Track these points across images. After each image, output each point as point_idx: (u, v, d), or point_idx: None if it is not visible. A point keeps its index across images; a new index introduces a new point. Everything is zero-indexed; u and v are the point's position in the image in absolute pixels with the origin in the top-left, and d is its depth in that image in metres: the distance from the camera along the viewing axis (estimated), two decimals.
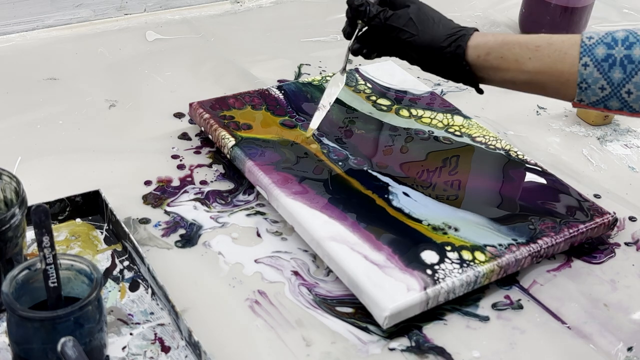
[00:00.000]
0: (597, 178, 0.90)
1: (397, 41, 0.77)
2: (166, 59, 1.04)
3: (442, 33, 0.74)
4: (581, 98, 0.69)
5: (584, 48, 0.68)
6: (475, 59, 0.73)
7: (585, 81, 0.68)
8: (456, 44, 0.74)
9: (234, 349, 0.63)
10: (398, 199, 0.76)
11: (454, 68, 0.75)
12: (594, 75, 0.67)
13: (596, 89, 0.68)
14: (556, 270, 0.75)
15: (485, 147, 0.86)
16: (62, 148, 0.84)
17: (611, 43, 0.67)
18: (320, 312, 0.67)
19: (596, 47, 0.68)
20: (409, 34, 0.75)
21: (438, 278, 0.67)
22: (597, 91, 0.68)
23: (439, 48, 0.74)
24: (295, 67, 1.05)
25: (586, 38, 0.69)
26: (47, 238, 0.54)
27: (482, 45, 0.73)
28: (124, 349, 0.61)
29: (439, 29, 0.75)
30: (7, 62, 1.00)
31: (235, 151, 0.80)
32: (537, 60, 0.71)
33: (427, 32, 0.75)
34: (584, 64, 0.68)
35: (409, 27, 0.75)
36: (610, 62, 0.67)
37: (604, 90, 0.68)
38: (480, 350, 0.65)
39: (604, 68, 0.67)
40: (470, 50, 0.73)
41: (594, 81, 0.68)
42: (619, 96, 0.67)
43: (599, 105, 0.69)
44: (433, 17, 0.76)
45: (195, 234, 0.74)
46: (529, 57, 0.71)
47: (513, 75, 0.72)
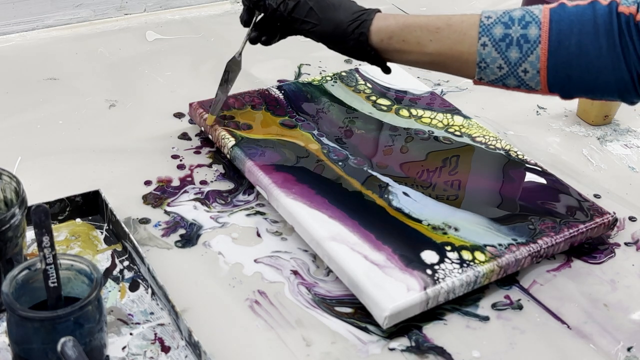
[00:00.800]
0: (597, 178, 0.90)
1: (301, 31, 0.78)
2: (166, 59, 1.04)
3: (344, 19, 0.75)
4: (481, 76, 0.70)
5: (483, 28, 0.69)
6: (379, 42, 0.74)
7: (484, 60, 0.69)
8: (359, 30, 0.74)
9: (234, 349, 0.63)
10: (398, 199, 0.76)
11: (360, 52, 0.76)
12: (492, 54, 0.69)
13: (494, 68, 0.69)
14: (556, 270, 0.75)
15: (485, 147, 0.86)
16: (62, 148, 0.84)
17: (508, 22, 0.68)
18: (320, 312, 0.67)
19: (494, 26, 0.69)
20: (312, 24, 0.76)
21: (438, 278, 0.67)
22: (495, 70, 0.69)
23: (342, 35, 0.75)
24: (295, 67, 1.05)
25: (485, 17, 0.70)
26: (47, 238, 0.54)
27: (384, 29, 0.74)
28: (124, 349, 0.61)
29: (340, 15, 0.75)
30: (7, 62, 1.00)
31: (235, 151, 0.80)
32: (438, 42, 0.72)
33: (328, 19, 0.75)
34: (483, 44, 0.69)
35: (311, 17, 0.76)
36: (507, 42, 0.68)
37: (502, 70, 0.69)
38: (480, 350, 0.65)
39: (501, 47, 0.68)
40: (373, 35, 0.74)
41: (492, 60, 0.69)
42: (516, 75, 0.69)
43: (498, 83, 0.70)
44: (334, 3, 0.76)
45: (195, 234, 0.74)
46: (430, 39, 0.72)
47: (416, 57, 0.74)
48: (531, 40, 0.67)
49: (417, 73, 1.03)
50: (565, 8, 0.67)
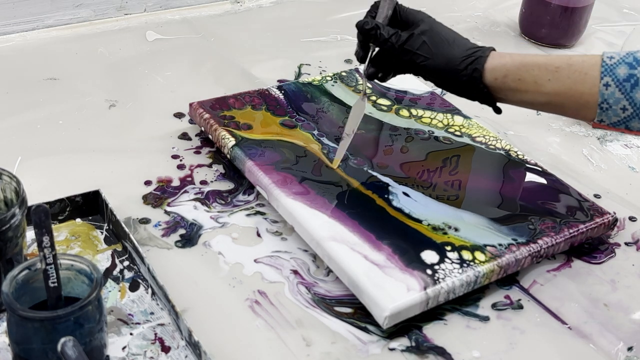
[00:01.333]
0: (597, 178, 0.90)
1: (412, 64, 0.75)
2: (166, 59, 1.04)
3: (458, 55, 0.73)
4: (602, 118, 0.69)
5: (605, 68, 0.67)
6: (493, 81, 0.72)
7: (606, 101, 0.67)
8: (472, 66, 0.72)
9: (234, 349, 0.63)
10: (398, 199, 0.76)
11: (471, 90, 0.74)
12: (615, 95, 0.67)
13: (617, 109, 0.67)
14: (556, 270, 0.75)
15: (485, 147, 0.86)
16: (62, 148, 0.84)
17: (633, 63, 0.67)
18: (319, 312, 0.67)
19: (617, 66, 0.67)
20: (423, 57, 0.74)
21: (438, 278, 0.67)
22: (619, 112, 0.67)
23: (454, 71, 0.73)
24: (295, 67, 1.05)
25: (607, 58, 0.68)
26: (47, 238, 0.54)
27: (499, 68, 0.72)
28: (124, 349, 0.61)
29: (453, 51, 0.73)
30: (7, 62, 1.00)
31: (235, 151, 0.80)
32: (557, 81, 0.70)
33: (441, 54, 0.73)
34: (605, 84, 0.67)
35: (423, 50, 0.73)
36: (632, 82, 0.66)
37: (626, 111, 0.67)
38: (480, 350, 0.65)
39: (626, 88, 0.66)
40: (487, 72, 0.72)
41: (615, 101, 0.67)
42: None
43: (620, 126, 0.68)
44: (447, 38, 0.74)
45: (195, 234, 0.74)
46: (548, 78, 0.70)
47: (532, 97, 0.72)
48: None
49: None
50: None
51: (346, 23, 1.20)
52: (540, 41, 1.19)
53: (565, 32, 1.18)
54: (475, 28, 1.23)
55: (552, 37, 1.18)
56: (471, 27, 1.23)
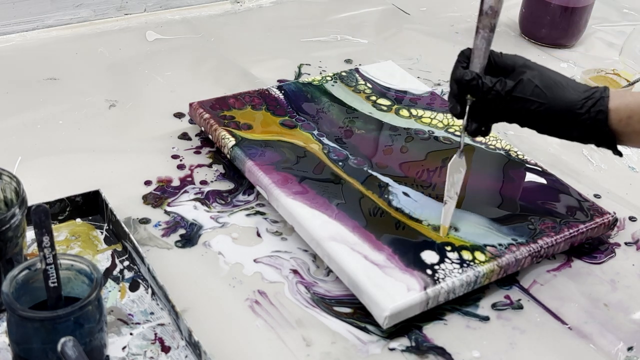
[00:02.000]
0: (597, 178, 0.90)
1: (522, 112, 0.69)
2: (166, 59, 1.04)
3: (576, 98, 0.68)
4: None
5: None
6: (617, 123, 0.67)
7: None
8: (595, 108, 0.67)
9: (234, 349, 0.63)
10: (398, 199, 0.76)
11: (592, 134, 0.69)
12: None
13: None
14: (556, 270, 0.75)
15: (485, 147, 0.86)
16: (62, 148, 0.84)
17: None
18: (319, 312, 0.67)
19: None
20: (538, 103, 0.68)
21: (438, 278, 0.67)
22: None
23: (574, 115, 0.68)
24: (295, 67, 1.05)
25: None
26: (47, 238, 0.54)
27: (623, 109, 0.67)
28: (124, 349, 0.61)
29: (571, 94, 0.68)
30: (7, 62, 1.00)
31: (235, 151, 0.80)
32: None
33: (558, 98, 0.68)
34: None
35: (537, 95, 0.68)
36: None
37: None
38: (480, 350, 0.65)
39: None
40: (611, 114, 0.67)
41: None
42: None
43: None
44: (560, 81, 0.69)
45: (195, 234, 0.74)
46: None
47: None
48: None
49: (417, 73, 1.03)
50: None
51: (346, 23, 1.20)
52: (540, 41, 1.19)
53: (565, 32, 1.18)
54: (475, 28, 1.22)
55: (552, 37, 1.18)
56: (471, 27, 1.22)
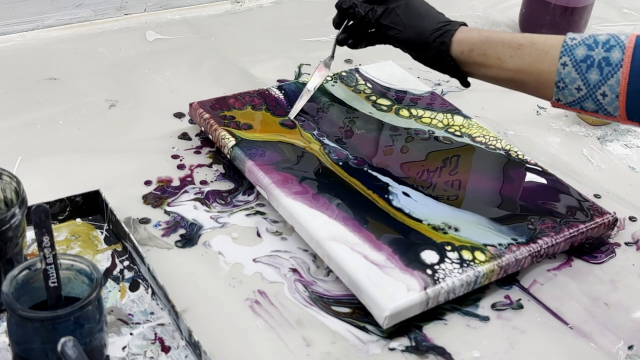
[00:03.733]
0: (597, 178, 0.90)
1: (385, 36, 0.80)
2: (166, 59, 1.04)
3: (428, 28, 0.76)
4: (559, 97, 0.70)
5: (565, 48, 0.68)
6: (459, 54, 0.75)
7: (562, 80, 0.68)
8: (440, 39, 0.76)
9: (234, 349, 0.63)
10: (398, 199, 0.76)
11: (440, 62, 0.77)
12: (571, 75, 0.68)
13: (573, 89, 0.68)
14: (556, 270, 0.75)
15: (485, 147, 0.86)
16: (62, 148, 0.84)
17: (592, 44, 0.67)
18: (317, 311, 0.67)
19: (577, 47, 0.68)
20: (396, 30, 0.78)
21: (438, 278, 0.67)
22: (574, 91, 0.68)
23: (424, 43, 0.77)
24: (295, 67, 1.05)
25: (569, 39, 0.69)
26: (47, 238, 0.54)
27: (466, 41, 0.75)
28: (124, 348, 0.61)
29: (424, 24, 0.77)
30: (7, 62, 1.00)
31: (235, 151, 0.80)
32: (518, 58, 0.72)
33: (412, 27, 0.77)
34: (563, 64, 0.68)
35: (396, 23, 0.78)
36: (588, 63, 0.67)
37: (580, 91, 0.68)
38: (480, 350, 0.65)
39: (581, 68, 0.67)
40: (454, 45, 0.75)
41: (571, 81, 0.68)
42: (594, 98, 0.67)
43: (575, 106, 0.69)
44: (420, 12, 0.77)
45: (196, 234, 0.74)
46: (511, 55, 0.72)
47: (495, 72, 0.74)
48: (613, 64, 0.66)
49: (417, 73, 1.03)
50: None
51: None
52: None
53: (565, 32, 1.17)
54: None
55: None
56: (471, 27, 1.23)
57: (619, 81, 0.66)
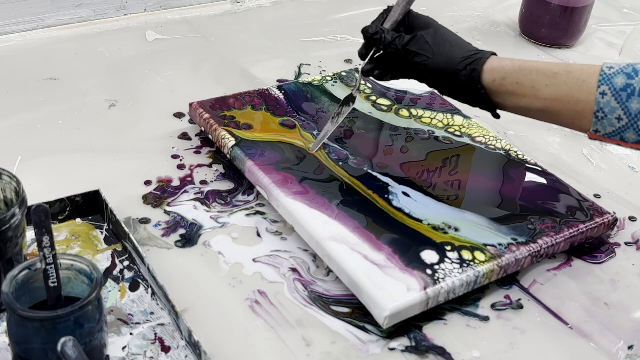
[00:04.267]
0: (597, 178, 0.90)
1: (413, 65, 0.76)
2: (166, 59, 1.04)
3: (458, 56, 0.74)
4: (597, 128, 0.67)
5: (603, 77, 0.67)
6: (491, 83, 0.72)
7: (602, 110, 0.66)
8: (472, 67, 0.73)
9: (234, 349, 0.63)
10: (398, 199, 0.76)
11: (470, 92, 0.74)
12: (611, 104, 0.66)
13: (613, 119, 0.66)
14: (557, 270, 0.75)
15: (485, 147, 0.86)
16: (62, 148, 0.84)
17: (631, 73, 0.66)
18: (317, 310, 0.67)
19: (616, 76, 0.66)
20: (425, 57, 0.74)
21: (438, 278, 0.67)
22: (614, 121, 0.66)
23: (454, 71, 0.73)
24: (295, 67, 1.05)
25: (606, 67, 0.67)
26: (47, 238, 0.54)
27: (498, 70, 0.72)
28: (124, 349, 0.61)
29: (454, 52, 0.74)
30: (7, 62, 1.00)
31: (235, 151, 0.80)
32: (554, 87, 0.69)
33: (442, 54, 0.74)
34: (602, 93, 0.66)
35: (425, 50, 0.74)
36: (629, 92, 0.65)
37: (621, 121, 0.66)
38: (480, 350, 0.65)
39: (622, 98, 0.66)
40: (485, 74, 0.72)
41: (611, 111, 0.66)
42: (635, 127, 0.66)
43: (616, 137, 0.67)
44: (450, 40, 0.75)
45: (196, 234, 0.74)
46: (546, 84, 0.70)
47: (529, 102, 0.71)
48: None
49: None
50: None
51: (346, 23, 1.20)
52: (540, 41, 1.19)
53: (565, 32, 1.18)
54: (475, 28, 1.23)
55: (552, 37, 1.18)
56: (471, 27, 1.23)
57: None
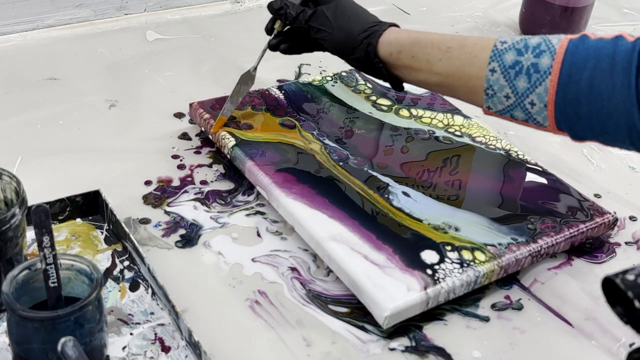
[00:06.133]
0: (597, 178, 0.90)
1: (316, 40, 0.76)
2: (166, 59, 1.04)
3: (356, 29, 0.72)
4: (489, 105, 0.66)
5: (495, 52, 0.64)
6: (387, 56, 0.71)
7: (491, 87, 0.64)
8: (368, 40, 0.71)
9: (234, 349, 0.63)
10: (398, 198, 0.76)
11: (370, 66, 0.73)
12: (500, 82, 0.64)
13: (501, 96, 0.64)
14: (557, 269, 0.75)
15: (485, 147, 0.86)
16: (62, 148, 0.84)
17: (522, 49, 0.63)
18: (316, 310, 0.67)
19: (507, 52, 0.64)
20: (325, 32, 0.74)
21: (438, 278, 0.67)
22: (503, 99, 0.64)
23: (352, 45, 0.73)
24: (295, 67, 1.05)
25: (499, 42, 0.65)
26: (47, 238, 0.54)
27: (394, 43, 0.71)
28: (124, 349, 0.61)
29: (353, 26, 0.72)
30: (7, 62, 1.00)
31: (235, 151, 0.80)
32: (447, 61, 0.67)
33: (341, 29, 0.73)
34: (492, 69, 0.64)
35: (325, 25, 0.74)
36: (517, 70, 0.63)
37: (509, 99, 0.64)
38: (480, 351, 0.65)
39: (510, 75, 0.63)
40: (381, 46, 0.71)
41: (499, 88, 0.64)
42: (522, 107, 0.63)
43: (506, 114, 0.65)
44: (350, 14, 0.73)
45: (196, 234, 0.74)
46: (440, 57, 0.68)
47: (425, 76, 0.70)
48: (541, 71, 0.62)
49: None
50: (586, 40, 0.61)
51: None
52: None
53: (565, 32, 1.17)
54: (475, 28, 1.23)
55: None
56: (471, 27, 1.23)
57: (547, 90, 0.61)
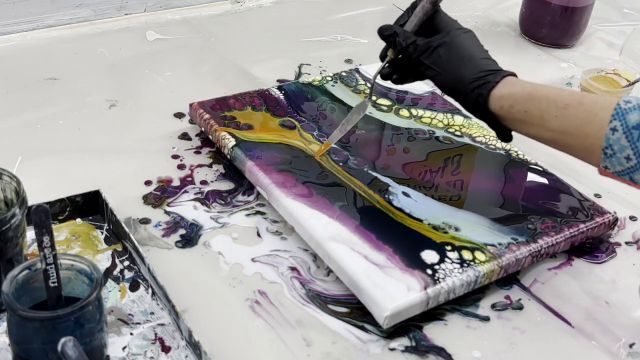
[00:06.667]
0: (597, 178, 0.89)
1: (426, 76, 0.74)
2: (166, 59, 1.04)
3: (468, 76, 0.70)
4: (606, 165, 0.63)
5: (617, 111, 0.62)
6: (498, 109, 0.69)
7: (611, 147, 0.62)
8: (479, 91, 0.69)
9: (234, 349, 0.63)
10: (398, 198, 0.76)
11: (478, 114, 0.71)
12: (621, 142, 0.61)
13: (622, 157, 0.62)
14: (557, 269, 0.75)
15: (485, 146, 0.86)
16: (62, 148, 0.84)
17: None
18: (316, 309, 0.67)
19: (631, 112, 0.61)
20: (435, 72, 0.71)
21: (438, 278, 0.67)
22: (623, 160, 0.62)
23: (461, 92, 0.70)
24: (295, 67, 1.05)
25: (623, 102, 0.62)
26: (47, 238, 0.54)
27: (506, 97, 0.68)
28: (124, 349, 0.61)
29: (464, 70, 0.70)
30: (7, 62, 1.00)
31: (235, 151, 0.80)
32: (564, 119, 0.65)
33: (451, 72, 0.70)
34: (613, 128, 0.61)
35: (436, 64, 0.71)
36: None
37: (630, 161, 0.61)
38: (480, 350, 0.65)
39: (633, 136, 0.61)
40: (493, 100, 0.69)
41: (620, 149, 0.61)
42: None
43: (625, 176, 0.63)
44: (463, 55, 0.71)
45: (196, 234, 0.74)
46: (556, 114, 0.65)
47: (537, 131, 0.68)
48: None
49: None
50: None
51: (346, 23, 1.20)
52: (540, 41, 1.19)
53: (565, 32, 1.18)
54: (475, 28, 1.22)
55: (552, 37, 1.18)
56: (471, 27, 1.21)
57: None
